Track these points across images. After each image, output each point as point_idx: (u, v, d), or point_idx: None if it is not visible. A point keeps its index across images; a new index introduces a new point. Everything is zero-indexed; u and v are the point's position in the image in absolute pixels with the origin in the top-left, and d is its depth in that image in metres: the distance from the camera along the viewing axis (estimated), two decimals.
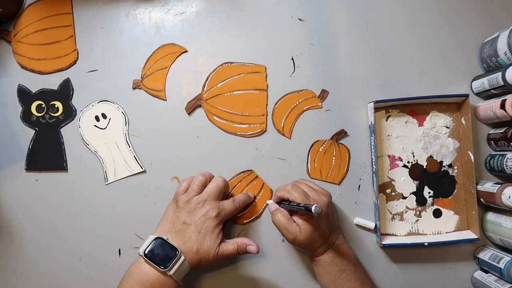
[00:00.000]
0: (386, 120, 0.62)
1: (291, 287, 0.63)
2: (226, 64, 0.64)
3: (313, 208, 0.50)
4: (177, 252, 0.53)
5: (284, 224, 0.55)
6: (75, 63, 0.64)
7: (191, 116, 0.64)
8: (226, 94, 0.63)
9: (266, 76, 0.63)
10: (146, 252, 0.53)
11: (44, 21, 0.64)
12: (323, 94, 0.63)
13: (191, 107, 0.64)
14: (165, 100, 0.64)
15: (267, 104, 0.63)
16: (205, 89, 0.64)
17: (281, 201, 0.59)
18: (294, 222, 0.56)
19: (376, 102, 0.60)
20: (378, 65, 0.63)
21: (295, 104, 0.63)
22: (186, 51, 0.64)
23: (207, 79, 0.64)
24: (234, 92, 0.63)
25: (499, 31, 0.58)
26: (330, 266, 0.56)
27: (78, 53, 0.64)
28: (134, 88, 0.64)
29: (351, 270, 0.56)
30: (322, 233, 0.55)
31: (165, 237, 0.54)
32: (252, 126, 0.63)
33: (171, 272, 0.52)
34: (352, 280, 0.56)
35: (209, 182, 0.59)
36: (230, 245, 0.56)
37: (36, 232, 0.64)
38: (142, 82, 0.63)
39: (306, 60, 0.64)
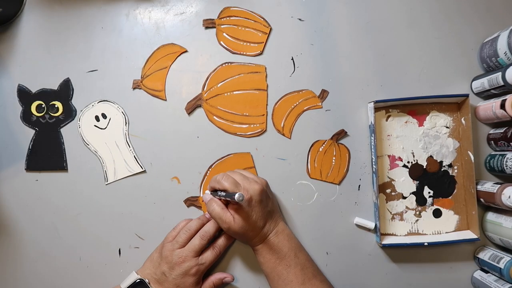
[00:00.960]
0: (386, 120, 0.62)
1: None
2: (226, 64, 0.64)
3: (236, 196, 0.50)
4: None
5: (219, 214, 0.56)
6: None
7: (191, 116, 0.64)
8: (226, 94, 0.63)
9: (266, 76, 0.63)
10: None
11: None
12: (323, 94, 0.63)
13: (191, 107, 0.64)
14: (165, 100, 0.64)
15: (267, 104, 0.63)
16: (205, 89, 0.64)
17: (216, 192, 0.58)
18: (229, 211, 0.56)
19: (376, 102, 0.60)
20: (378, 65, 0.63)
21: (295, 104, 0.63)
22: (186, 51, 0.64)
23: (207, 79, 0.64)
24: (234, 92, 0.63)
25: (499, 31, 0.58)
26: (268, 254, 0.57)
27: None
28: (134, 88, 0.64)
29: (291, 257, 0.56)
30: (255, 221, 0.56)
31: (146, 280, 0.57)
32: (252, 126, 0.63)
33: None
34: (292, 267, 0.56)
35: (198, 230, 0.59)
36: (207, 286, 0.59)
37: (36, 232, 0.64)
38: (142, 82, 0.63)
39: (306, 60, 0.64)
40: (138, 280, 0.57)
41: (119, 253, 0.64)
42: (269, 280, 0.58)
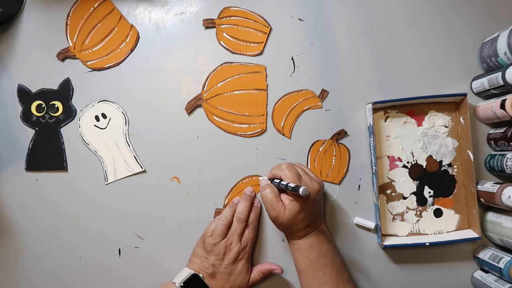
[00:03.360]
0: (385, 121, 0.62)
1: (291, 286, 0.63)
2: (226, 64, 0.64)
3: (301, 189, 0.51)
4: None
5: (271, 200, 0.56)
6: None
7: (191, 116, 0.64)
8: (226, 94, 0.63)
9: (266, 76, 0.63)
10: (182, 284, 0.57)
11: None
12: (323, 94, 0.63)
13: (191, 107, 0.64)
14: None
15: (267, 104, 0.63)
16: (205, 89, 0.64)
17: (273, 179, 0.58)
18: (281, 201, 0.56)
19: (374, 103, 0.60)
20: (378, 65, 0.63)
21: (295, 104, 0.63)
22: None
23: (207, 79, 0.64)
24: (234, 92, 0.63)
25: (499, 31, 0.58)
26: (307, 251, 0.57)
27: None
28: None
29: (329, 257, 0.57)
30: (305, 217, 0.56)
31: (200, 275, 0.58)
32: (252, 126, 0.63)
33: None
34: (328, 267, 0.56)
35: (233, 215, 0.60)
36: (256, 276, 0.60)
37: (36, 232, 0.64)
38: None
39: (306, 60, 0.64)
40: (192, 275, 0.57)
41: (119, 253, 0.64)
42: (302, 277, 0.58)
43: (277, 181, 0.57)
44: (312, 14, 0.64)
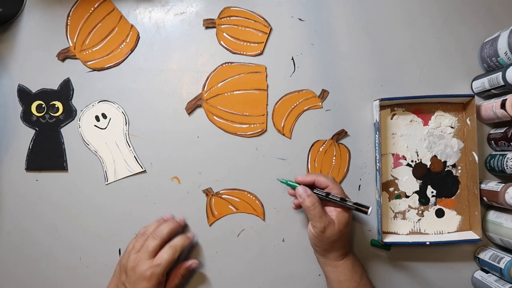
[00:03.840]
0: (391, 119, 0.62)
1: (291, 287, 0.63)
2: (226, 64, 0.64)
3: (369, 210, 0.51)
4: None
5: (321, 212, 0.53)
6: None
7: (191, 116, 0.64)
8: (226, 94, 0.63)
9: (266, 76, 0.63)
10: None
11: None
12: (323, 94, 0.63)
13: (191, 107, 0.64)
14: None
15: (267, 104, 0.63)
16: (205, 89, 0.64)
17: (313, 188, 0.56)
18: (331, 206, 0.55)
19: (381, 100, 0.60)
20: (378, 65, 0.63)
21: (295, 104, 0.63)
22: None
23: (207, 79, 0.64)
24: (234, 92, 0.63)
25: (499, 31, 0.58)
26: (351, 271, 0.54)
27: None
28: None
29: (366, 277, 0.56)
30: (348, 234, 0.55)
31: None
32: (252, 126, 0.63)
33: None
34: (368, 285, 0.56)
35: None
36: (176, 280, 0.58)
37: (36, 232, 0.64)
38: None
39: (306, 60, 0.64)
40: None
41: (119, 253, 0.64)
42: None
43: (323, 192, 0.55)
44: (312, 14, 0.64)
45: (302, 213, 0.63)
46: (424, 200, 0.62)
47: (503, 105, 0.55)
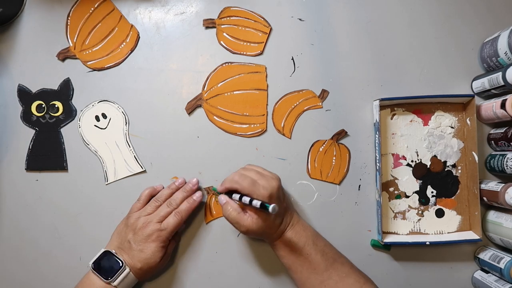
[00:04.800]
0: (391, 119, 0.62)
1: (288, 284, 0.63)
2: (226, 64, 0.64)
3: (270, 208, 0.50)
4: (122, 265, 0.56)
5: (235, 218, 0.55)
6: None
7: (191, 116, 0.64)
8: (226, 94, 0.63)
9: (266, 76, 0.63)
10: (93, 263, 0.57)
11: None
12: (323, 94, 0.63)
13: (191, 107, 0.64)
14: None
15: (267, 104, 0.63)
16: (205, 89, 0.64)
17: (230, 192, 0.57)
18: (246, 213, 0.55)
19: (381, 100, 0.60)
20: (378, 65, 0.63)
21: (295, 104, 0.63)
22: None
23: (207, 79, 0.64)
24: (234, 92, 0.63)
25: (500, 31, 0.58)
26: (288, 247, 0.56)
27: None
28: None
29: (310, 245, 0.56)
30: (274, 219, 0.55)
31: (113, 251, 0.57)
32: (252, 126, 0.63)
33: (115, 283, 0.55)
34: (312, 255, 0.56)
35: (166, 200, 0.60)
36: (170, 246, 0.60)
37: (36, 232, 0.64)
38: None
39: (306, 60, 0.64)
40: (103, 252, 0.57)
41: None
42: (292, 272, 0.58)
43: (237, 196, 0.55)
44: (312, 14, 0.64)
45: (301, 213, 0.63)
46: (424, 200, 0.62)
47: (503, 105, 0.55)
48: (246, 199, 0.54)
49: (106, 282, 0.55)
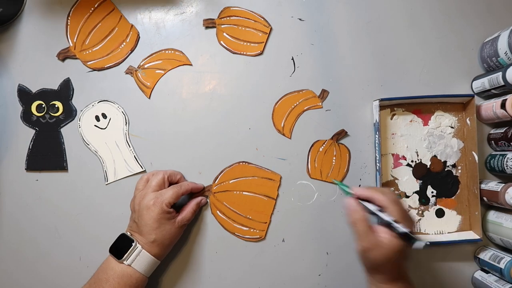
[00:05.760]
0: (391, 119, 0.62)
1: (288, 285, 0.63)
2: (244, 163, 0.63)
3: (421, 244, 0.44)
4: (132, 243, 0.56)
5: (365, 231, 0.48)
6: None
7: (191, 116, 0.64)
8: (235, 192, 0.63)
9: (279, 186, 0.63)
10: (111, 247, 0.57)
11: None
12: (323, 94, 0.63)
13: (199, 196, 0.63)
14: (149, 98, 0.64)
15: (272, 214, 0.63)
16: (216, 182, 0.63)
17: (365, 201, 0.51)
18: (375, 232, 0.48)
19: (381, 100, 0.60)
20: (378, 65, 0.63)
21: (295, 104, 0.63)
22: (190, 64, 0.64)
23: (221, 172, 0.63)
24: (244, 193, 0.63)
25: (500, 31, 0.58)
26: None
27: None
28: (126, 73, 0.64)
29: None
30: (399, 261, 0.48)
31: (127, 233, 0.58)
32: (252, 230, 0.63)
33: (127, 262, 0.55)
34: None
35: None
36: (188, 214, 0.59)
37: (36, 232, 0.64)
38: (136, 71, 0.63)
39: (306, 60, 0.64)
40: (119, 236, 0.57)
41: None
42: None
43: (374, 207, 0.49)
44: (312, 14, 0.64)
45: (301, 213, 0.63)
46: (424, 200, 0.62)
47: (503, 105, 0.55)
48: (389, 218, 0.47)
49: (120, 262, 0.55)
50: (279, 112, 0.63)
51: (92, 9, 0.64)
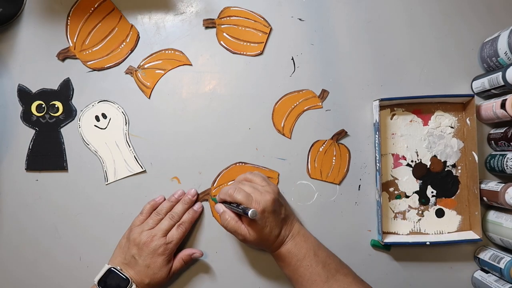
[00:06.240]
0: (391, 119, 0.62)
1: (288, 285, 0.63)
2: (241, 164, 0.63)
3: (249, 213, 0.51)
4: (129, 282, 0.56)
5: (233, 227, 0.55)
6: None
7: (191, 116, 0.64)
8: None
9: (277, 183, 0.63)
10: (99, 281, 0.57)
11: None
12: (323, 94, 0.63)
13: (200, 200, 0.63)
14: (149, 98, 0.64)
15: None
16: (214, 185, 0.63)
17: (228, 203, 0.57)
18: (243, 223, 0.56)
19: (381, 100, 0.60)
20: (378, 65, 0.63)
21: (295, 104, 0.63)
22: (190, 64, 0.64)
23: (218, 175, 0.63)
24: None
25: (500, 31, 0.58)
26: (288, 258, 0.56)
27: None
28: (126, 73, 0.64)
29: (311, 256, 0.56)
30: (270, 231, 0.55)
31: (118, 267, 0.57)
32: None
33: None
34: (313, 266, 0.56)
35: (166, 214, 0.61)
36: (177, 264, 0.60)
37: (36, 232, 0.64)
38: (136, 71, 0.63)
39: (306, 60, 0.64)
40: (108, 269, 0.57)
41: None
42: (293, 282, 0.57)
43: (232, 204, 0.56)
44: (312, 14, 0.64)
45: (301, 213, 0.63)
46: (424, 200, 0.62)
47: (503, 105, 0.55)
48: (233, 206, 0.55)
49: None
50: (279, 112, 0.63)
51: (92, 9, 0.64)
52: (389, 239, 0.60)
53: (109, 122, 0.64)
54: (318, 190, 0.63)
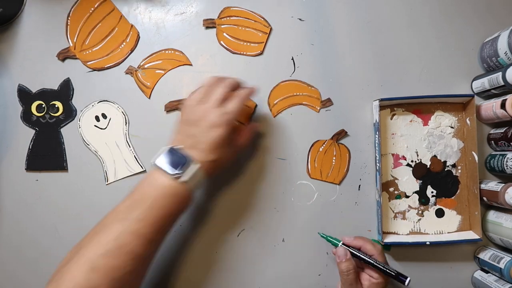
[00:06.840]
0: (391, 119, 0.62)
1: (288, 285, 0.63)
2: None
3: (407, 281, 0.52)
4: (190, 159, 0.50)
5: (353, 280, 0.54)
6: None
7: None
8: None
9: (252, 113, 0.63)
10: (156, 161, 0.50)
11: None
12: (326, 103, 0.63)
13: (171, 107, 0.63)
14: (149, 98, 0.64)
15: None
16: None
17: (353, 248, 0.57)
18: (366, 274, 0.55)
19: (381, 100, 0.60)
20: (378, 65, 0.63)
21: (298, 93, 0.63)
22: (190, 65, 0.64)
23: None
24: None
25: (500, 31, 0.58)
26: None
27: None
28: (126, 73, 0.64)
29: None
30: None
31: (178, 146, 0.52)
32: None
33: (184, 178, 0.49)
34: None
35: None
36: (246, 140, 0.58)
37: (36, 232, 0.64)
38: (136, 71, 0.63)
39: (306, 60, 0.64)
40: (168, 148, 0.51)
41: None
42: None
43: (366, 256, 0.55)
44: (312, 14, 0.64)
45: (301, 213, 0.63)
46: (424, 200, 0.62)
47: (503, 105, 0.55)
48: (380, 264, 0.54)
49: (174, 177, 0.49)
50: (280, 90, 0.63)
51: (92, 9, 0.64)
52: (389, 239, 0.60)
53: (109, 122, 0.64)
54: (318, 190, 0.63)
